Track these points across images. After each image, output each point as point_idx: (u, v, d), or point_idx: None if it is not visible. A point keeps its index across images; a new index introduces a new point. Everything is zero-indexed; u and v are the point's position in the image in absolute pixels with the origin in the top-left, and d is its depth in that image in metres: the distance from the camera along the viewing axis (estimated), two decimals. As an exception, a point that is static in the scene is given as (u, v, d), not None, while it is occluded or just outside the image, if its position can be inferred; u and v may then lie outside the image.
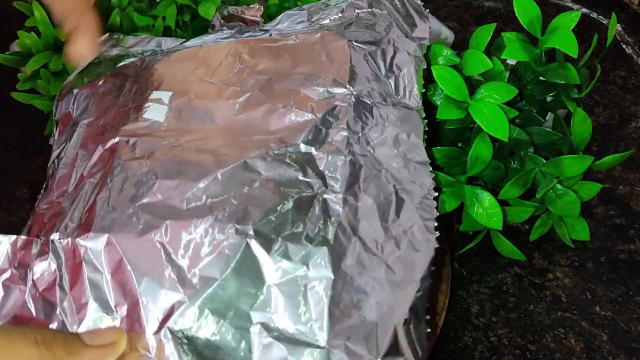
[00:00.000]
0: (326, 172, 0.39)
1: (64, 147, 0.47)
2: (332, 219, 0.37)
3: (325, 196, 0.38)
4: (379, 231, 0.38)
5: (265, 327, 0.35)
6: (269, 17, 0.58)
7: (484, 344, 0.47)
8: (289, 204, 0.37)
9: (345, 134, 0.41)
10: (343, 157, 0.40)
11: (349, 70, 0.44)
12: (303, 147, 0.40)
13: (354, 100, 0.42)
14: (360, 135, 0.41)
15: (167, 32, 0.60)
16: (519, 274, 0.52)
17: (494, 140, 0.46)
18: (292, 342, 0.35)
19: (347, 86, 0.43)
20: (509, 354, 0.47)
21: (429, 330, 0.37)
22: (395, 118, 0.43)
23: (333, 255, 0.36)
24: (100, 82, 0.49)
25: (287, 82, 0.44)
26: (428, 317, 0.37)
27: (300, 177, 0.39)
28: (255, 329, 0.35)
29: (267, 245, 0.36)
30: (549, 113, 0.52)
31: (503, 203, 0.47)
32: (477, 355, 0.47)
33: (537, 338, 0.47)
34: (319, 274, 0.35)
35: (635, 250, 0.53)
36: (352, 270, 0.36)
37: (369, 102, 0.43)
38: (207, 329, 0.35)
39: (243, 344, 0.35)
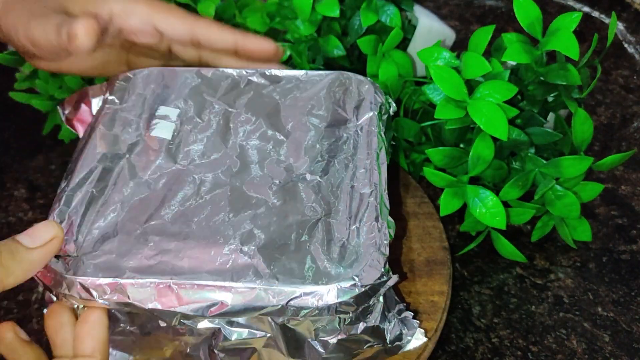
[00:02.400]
0: None
1: None
2: None
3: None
4: None
5: None
6: (268, 16, 0.58)
7: (486, 345, 0.47)
8: None
9: None
10: None
11: None
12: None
13: None
14: None
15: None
16: (520, 275, 0.51)
17: (495, 140, 0.46)
18: None
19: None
20: (510, 355, 0.46)
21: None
22: None
23: None
24: None
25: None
26: None
27: None
28: None
29: None
30: (550, 113, 0.52)
31: (504, 205, 0.47)
32: (478, 357, 0.46)
33: (539, 339, 0.47)
34: None
35: (638, 251, 0.53)
36: None
37: None
38: None
39: None
